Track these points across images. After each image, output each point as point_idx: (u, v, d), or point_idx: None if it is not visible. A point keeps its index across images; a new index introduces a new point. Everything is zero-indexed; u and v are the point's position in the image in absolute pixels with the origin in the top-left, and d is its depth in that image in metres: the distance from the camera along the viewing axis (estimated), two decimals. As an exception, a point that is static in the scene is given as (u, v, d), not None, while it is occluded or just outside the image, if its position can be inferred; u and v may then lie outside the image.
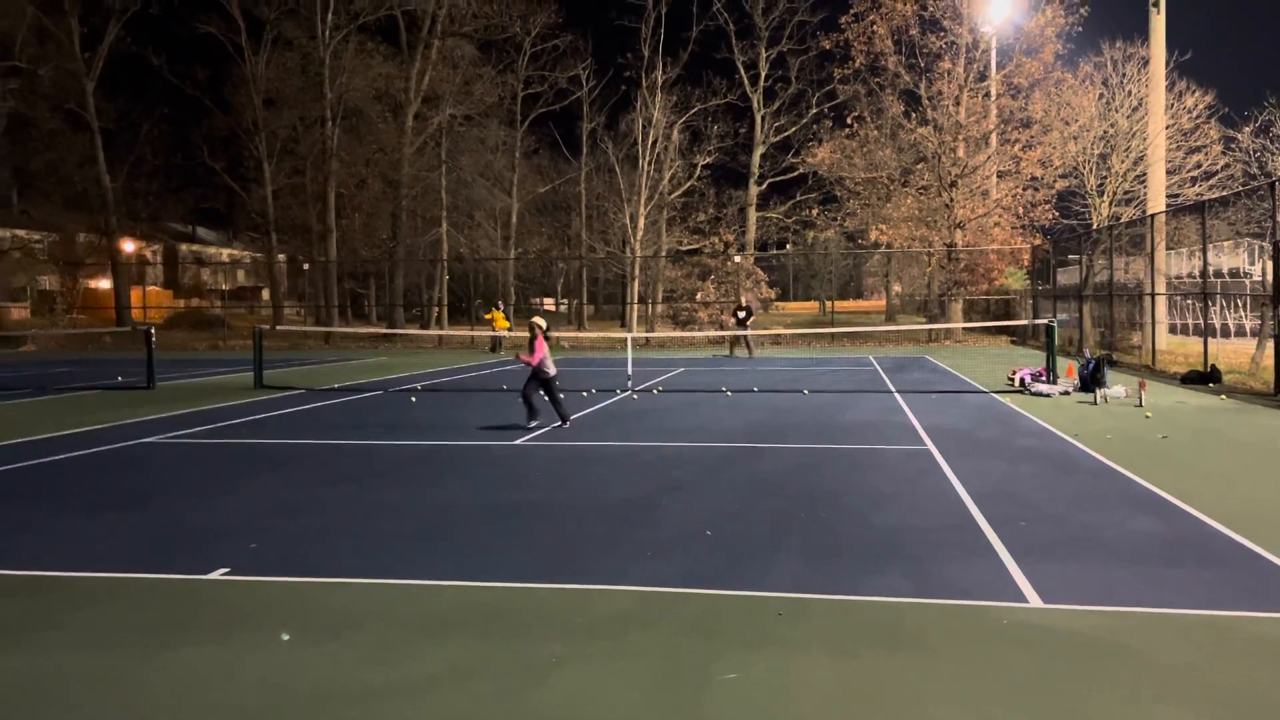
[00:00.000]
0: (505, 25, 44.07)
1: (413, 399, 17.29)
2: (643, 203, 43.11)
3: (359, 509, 8.09)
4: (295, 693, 4.34)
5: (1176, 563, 6.18)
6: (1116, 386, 15.78)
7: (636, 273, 43.61)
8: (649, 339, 37.21)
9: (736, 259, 39.90)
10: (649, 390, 18.18)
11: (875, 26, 36.94)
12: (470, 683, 4.42)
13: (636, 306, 44.43)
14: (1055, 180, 35.23)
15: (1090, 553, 6.42)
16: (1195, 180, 31.83)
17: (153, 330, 21.08)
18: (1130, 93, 32.49)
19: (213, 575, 6.16)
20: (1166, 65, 27.22)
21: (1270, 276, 16.12)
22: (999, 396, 16.18)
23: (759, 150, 45.60)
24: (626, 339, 22.35)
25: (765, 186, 46.64)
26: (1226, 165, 31.67)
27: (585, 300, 58.67)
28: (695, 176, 45.91)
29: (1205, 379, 17.45)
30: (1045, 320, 19.24)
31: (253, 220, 51.41)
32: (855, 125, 39.11)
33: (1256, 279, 24.62)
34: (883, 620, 5.18)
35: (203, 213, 62.41)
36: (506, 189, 47.83)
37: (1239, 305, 27.15)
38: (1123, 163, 32.18)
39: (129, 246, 52.19)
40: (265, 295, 57.67)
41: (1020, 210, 36.41)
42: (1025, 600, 5.45)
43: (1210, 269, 20.59)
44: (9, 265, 46.88)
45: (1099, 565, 6.13)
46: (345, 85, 42.96)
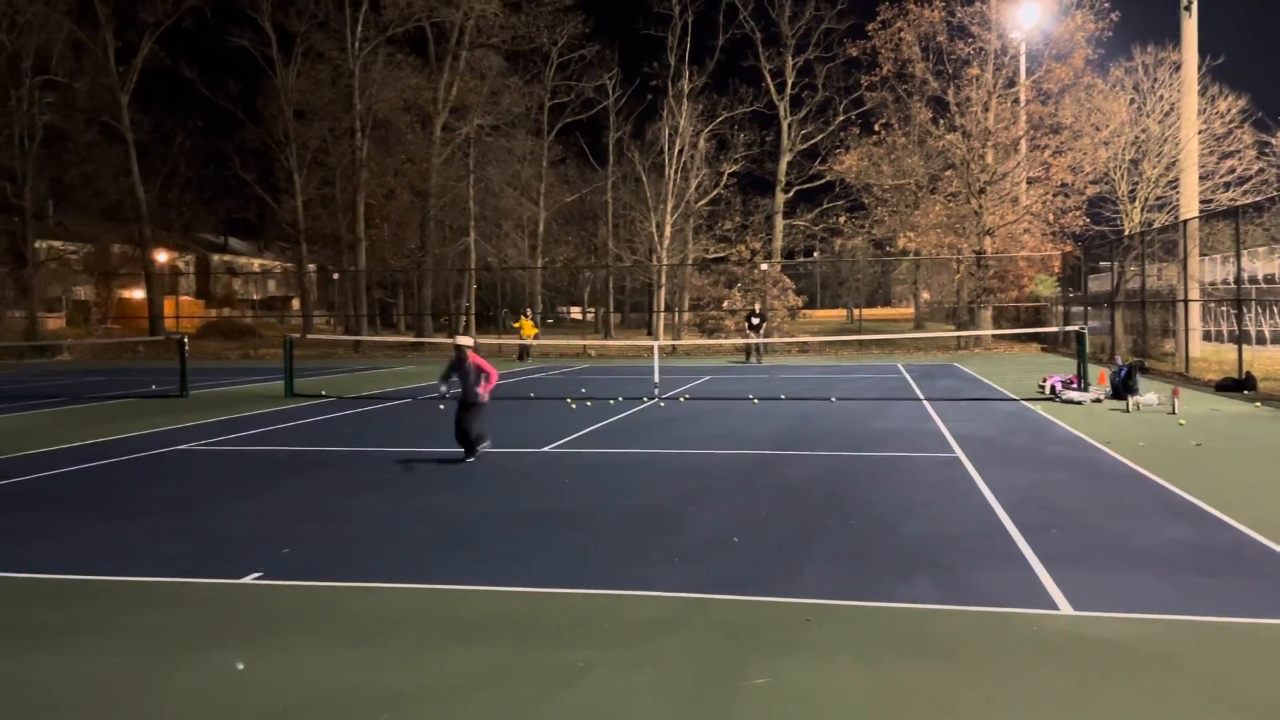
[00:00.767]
0: (532, 36, 44.30)
1: (441, 407, 17.39)
2: (669, 211, 43.15)
3: (389, 515, 8.16)
4: (327, 696, 4.39)
5: (1211, 571, 6.11)
6: (1149, 394, 15.61)
7: (663, 281, 43.62)
8: (675, 347, 37.20)
9: (763, 267, 39.84)
10: (676, 398, 18.19)
11: (902, 33, 36.80)
12: (500, 687, 4.45)
13: (663, 315, 44.45)
14: (1086, 186, 34.90)
15: (1122, 560, 6.36)
16: (1229, 185, 31.48)
17: (186, 339, 21.35)
18: (1162, 97, 32.19)
19: (246, 580, 6.24)
20: (1199, 69, 26.97)
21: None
22: (1029, 404, 16.05)
23: (786, 158, 45.49)
24: (653, 347, 22.36)
25: (792, 194, 46.48)
26: (1260, 170, 31.29)
27: (612, 309, 58.73)
28: (721, 185, 45.86)
29: (1240, 386, 17.22)
30: (1076, 327, 19.07)
31: (283, 230, 51.98)
32: (883, 132, 38.97)
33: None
34: (912, 627, 5.16)
35: (234, 223, 63.23)
36: (534, 198, 48.03)
37: (1274, 312, 26.77)
38: (1154, 168, 31.87)
39: (162, 257, 52.90)
40: (295, 305, 58.27)
41: (1050, 217, 36.09)
42: (1056, 608, 5.41)
43: (1244, 275, 20.33)
44: (46, 276, 47.60)
45: (1131, 573, 6.07)
46: (374, 97, 43.35)
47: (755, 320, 31.11)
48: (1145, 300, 25.08)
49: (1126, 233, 30.83)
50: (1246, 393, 16.85)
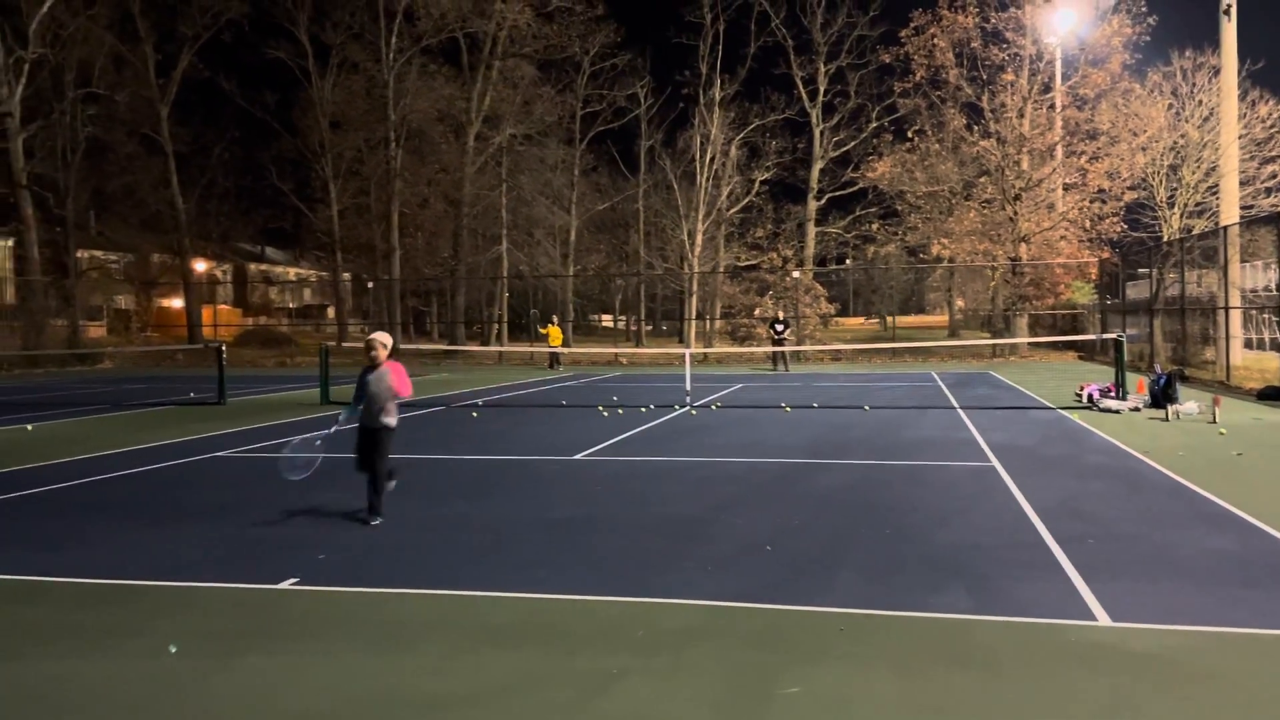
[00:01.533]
0: (565, 45, 44.53)
1: (474, 414, 17.49)
2: (700, 219, 43.16)
3: (423, 521, 8.21)
4: (361, 701, 4.43)
5: (1253, 583, 6.00)
6: (1189, 403, 15.36)
7: (694, 289, 43.62)
8: (707, 355, 37.16)
9: (795, 274, 39.72)
10: (707, 406, 18.17)
11: (936, 40, 36.58)
12: (533, 694, 4.47)
13: (694, 322, 44.43)
14: (1123, 192, 34.48)
15: (1162, 571, 6.27)
16: (1270, 191, 31.00)
17: (223, 347, 21.65)
18: (1201, 102, 31.77)
19: (283, 585, 6.30)
20: (1239, 74, 26.59)
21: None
22: (1066, 413, 15.86)
23: (818, 165, 45.34)
24: (684, 355, 22.35)
25: (824, 201, 46.30)
26: (1303, 175, 30.77)
27: (643, 316, 58.82)
28: (753, 192, 45.82)
29: (1283, 395, 16.92)
30: (1114, 335, 18.83)
31: (319, 240, 52.59)
32: (916, 139, 38.72)
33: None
34: (947, 637, 5.12)
35: (271, 233, 64.02)
36: (565, 206, 48.26)
37: (1318, 319, 26.26)
38: (1194, 174, 31.44)
39: (200, 266, 53.69)
40: (331, 313, 58.84)
41: (1087, 223, 35.66)
42: (1094, 619, 5.34)
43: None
44: (87, 285, 48.48)
45: (1171, 584, 5.98)
46: (408, 107, 43.78)
47: (780, 326, 31.00)
48: (1185, 307, 24.72)
49: (1165, 239, 30.42)
50: (1289, 401, 16.55)
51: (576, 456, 11.81)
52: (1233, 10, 25.27)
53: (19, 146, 38.25)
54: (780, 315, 33.00)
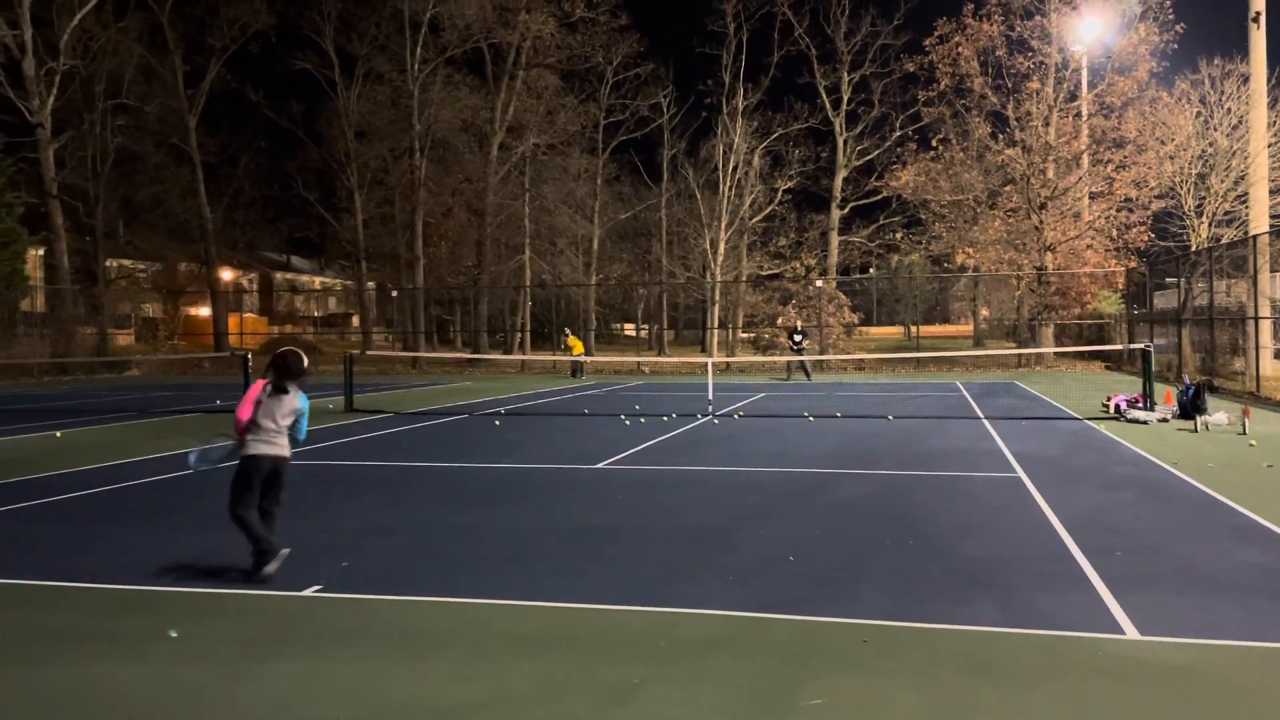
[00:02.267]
0: (588, 56, 44.70)
1: (496, 423, 17.53)
2: (723, 228, 43.14)
3: (446, 529, 8.23)
4: (384, 708, 4.43)
5: (1285, 596, 5.91)
6: (1218, 413, 15.17)
7: (717, 298, 43.59)
8: (729, 364, 37.09)
9: (818, 284, 39.60)
10: (730, 415, 18.12)
11: (960, 48, 36.42)
12: (555, 702, 4.46)
13: (717, 331, 44.38)
14: (1151, 201, 34.14)
15: (1191, 584, 6.18)
16: (1301, 199, 30.56)
17: (249, 355, 21.81)
18: (1230, 110, 31.44)
19: (306, 592, 6.33)
20: (1268, 81, 26.32)
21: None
22: (1093, 423, 15.71)
23: (841, 174, 45.20)
24: (707, 364, 22.32)
25: (848, 210, 46.14)
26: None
27: (666, 325, 58.81)
28: (776, 201, 45.75)
29: (1314, 406, 16.69)
30: (1141, 345, 18.64)
31: (344, 249, 52.95)
32: (940, 147, 38.53)
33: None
34: (972, 649, 5.06)
35: (296, 242, 64.62)
36: (588, 216, 48.38)
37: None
38: (1223, 182, 31.10)
39: (227, 275, 54.20)
40: (355, 322, 59.23)
41: (1114, 232, 35.34)
42: (1122, 632, 5.28)
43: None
44: (116, 293, 49.06)
45: (1200, 597, 5.90)
46: (433, 117, 44.06)
47: (798, 337, 30.92)
48: (1213, 317, 24.45)
49: (1193, 248, 30.10)
50: (1321, 413, 16.32)
51: (599, 465, 11.81)
52: (1262, 19, 25.03)
53: (50, 157, 38.80)
54: (799, 325, 32.88)
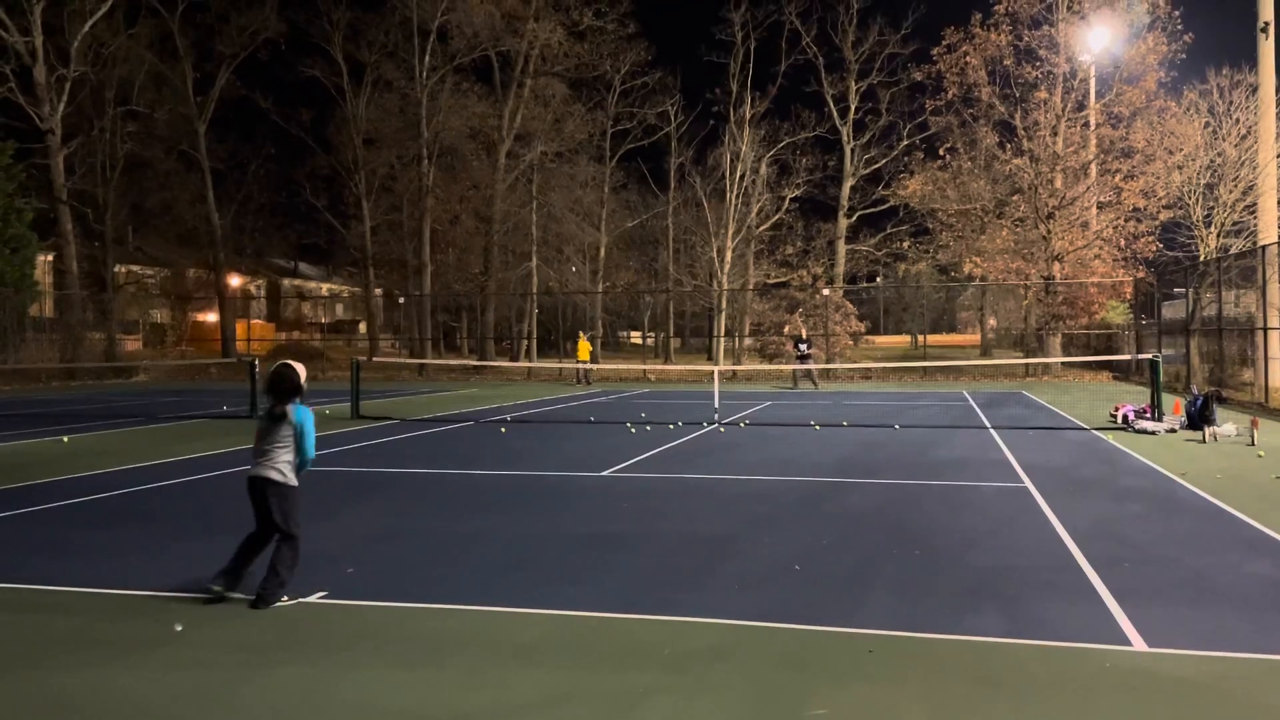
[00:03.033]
0: (596, 64, 44.83)
1: (503, 430, 17.54)
2: (730, 236, 43.17)
3: (452, 536, 8.23)
4: (389, 715, 4.43)
5: (1294, 609, 5.88)
6: (1227, 424, 15.12)
7: (723, 306, 43.59)
8: (736, 372, 37.07)
9: (825, 292, 39.58)
10: (736, 423, 18.11)
11: (968, 58, 36.46)
12: (560, 711, 4.45)
13: (723, 339, 44.38)
14: (1159, 211, 34.10)
15: (1199, 596, 6.15)
16: (1310, 210, 30.46)
17: (256, 361, 21.87)
18: (1238, 120, 31.42)
19: (311, 599, 6.33)
20: (1277, 90, 26.25)
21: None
22: (1101, 434, 15.66)
23: (848, 182, 45.22)
24: (713, 372, 22.32)
25: (855, 219, 46.14)
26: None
27: (672, 333, 58.81)
28: (783, 209, 45.77)
29: (1323, 417, 16.62)
30: (1149, 355, 18.59)
31: (351, 256, 53.18)
32: (948, 157, 38.56)
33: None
34: (978, 660, 5.05)
35: (304, 248, 64.80)
36: (595, 224, 48.45)
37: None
38: (1231, 193, 31.06)
39: (235, 281, 54.36)
40: (362, 328, 59.33)
41: (1122, 242, 35.30)
42: (1130, 644, 5.25)
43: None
44: (125, 299, 49.25)
45: (1208, 609, 5.87)
46: (441, 124, 44.22)
47: (803, 345, 30.88)
48: (1222, 328, 24.37)
49: (1202, 258, 30.03)
50: (1330, 424, 16.24)
51: (605, 473, 11.80)
52: (1270, 28, 24.98)
53: (60, 163, 39.02)
54: (804, 334, 32.86)
